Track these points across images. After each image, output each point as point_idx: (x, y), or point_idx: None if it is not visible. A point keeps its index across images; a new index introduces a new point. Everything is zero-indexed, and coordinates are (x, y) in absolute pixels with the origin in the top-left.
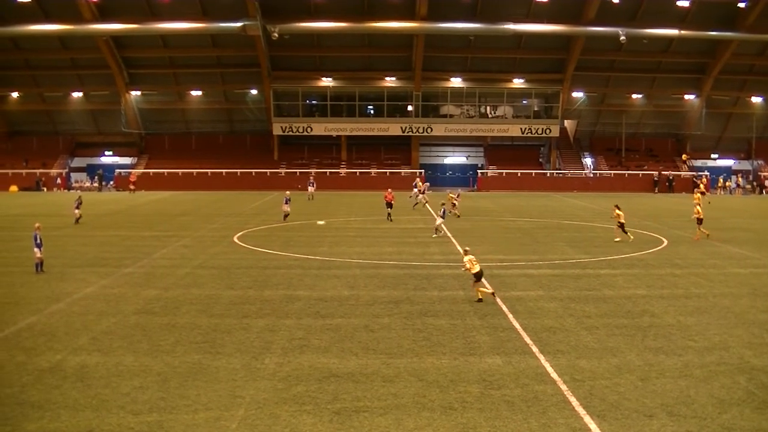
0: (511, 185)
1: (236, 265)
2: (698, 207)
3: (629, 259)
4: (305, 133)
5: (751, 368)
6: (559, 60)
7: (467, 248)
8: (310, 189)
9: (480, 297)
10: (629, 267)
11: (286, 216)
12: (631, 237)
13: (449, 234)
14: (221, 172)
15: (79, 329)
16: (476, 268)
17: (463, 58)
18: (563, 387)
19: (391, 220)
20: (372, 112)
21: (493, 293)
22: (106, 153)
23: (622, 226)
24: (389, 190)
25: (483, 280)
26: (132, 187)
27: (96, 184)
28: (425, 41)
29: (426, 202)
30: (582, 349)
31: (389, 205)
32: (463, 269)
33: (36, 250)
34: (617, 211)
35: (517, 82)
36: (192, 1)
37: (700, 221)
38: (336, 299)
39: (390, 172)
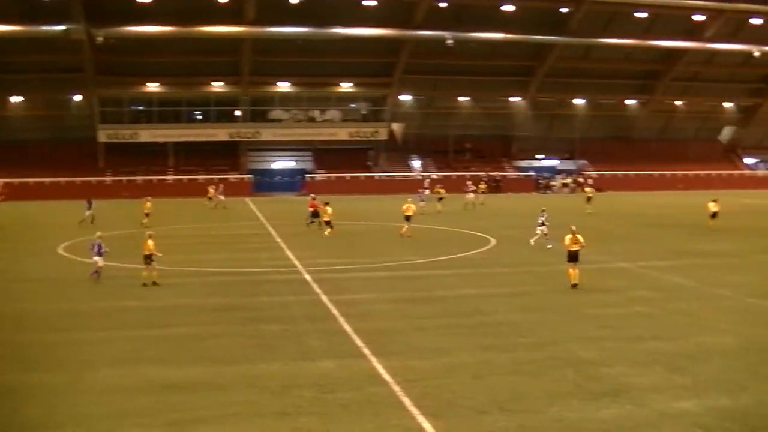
0: (340, 189)
1: (61, 277)
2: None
3: (460, 259)
4: (132, 140)
5: (578, 361)
6: (388, 63)
7: None
8: (220, 197)
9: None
10: (460, 267)
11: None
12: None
13: (279, 239)
14: (44, 182)
15: None
16: None
17: (292, 63)
18: (396, 388)
19: (316, 225)
20: (200, 117)
21: None
22: None
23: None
24: (312, 196)
25: None
26: None
27: None
28: (253, 45)
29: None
30: (414, 350)
31: (315, 214)
32: None
33: None
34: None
35: (346, 86)
36: (11, 3)
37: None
38: (167, 308)
39: (218, 178)
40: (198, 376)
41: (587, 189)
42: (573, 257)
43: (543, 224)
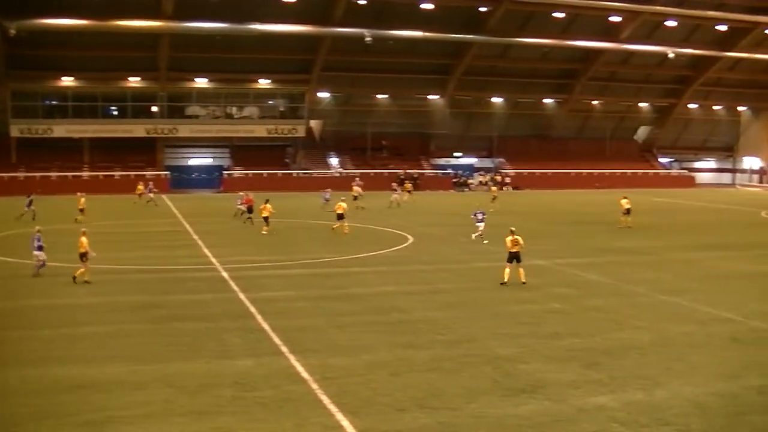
0: (258, 186)
1: None
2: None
3: (378, 256)
4: (46, 136)
5: (496, 358)
6: (306, 60)
7: None
8: (150, 194)
9: None
10: (378, 264)
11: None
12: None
13: (196, 237)
14: None
15: None
16: None
17: (210, 58)
18: (315, 386)
19: (252, 223)
20: (116, 113)
21: None
22: None
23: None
24: (247, 193)
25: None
26: None
27: None
28: (171, 41)
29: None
30: (333, 348)
31: (250, 210)
32: None
33: None
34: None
35: (264, 83)
36: None
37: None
38: (82, 307)
39: (135, 175)
40: (115, 375)
41: (493, 188)
42: (513, 257)
43: (482, 221)
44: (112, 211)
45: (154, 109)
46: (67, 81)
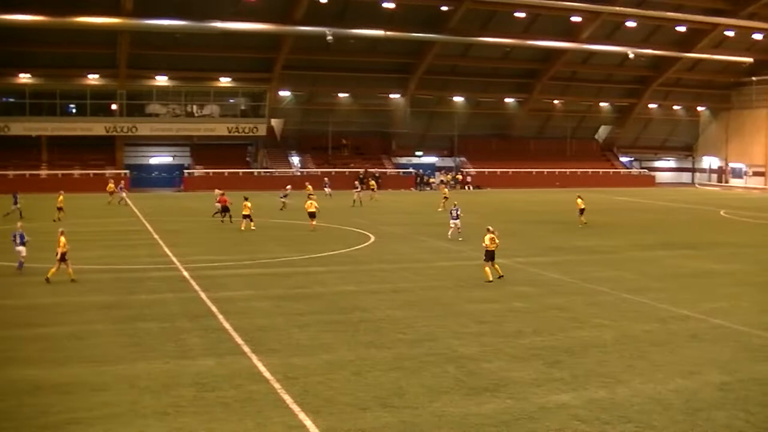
0: (218, 185)
1: None
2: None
3: (339, 255)
4: (2, 134)
5: (458, 357)
6: (267, 59)
7: None
8: (122, 194)
9: None
10: (339, 264)
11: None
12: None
13: (156, 236)
14: None
15: None
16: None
17: (170, 56)
18: (277, 385)
19: (231, 222)
20: (75, 111)
21: None
22: None
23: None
24: (223, 192)
25: None
26: None
27: None
28: (131, 38)
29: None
30: (294, 347)
31: (225, 209)
32: None
33: None
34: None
35: (225, 81)
36: None
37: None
38: (42, 307)
39: (94, 174)
40: (75, 377)
41: (444, 190)
42: (490, 256)
43: (457, 218)
44: (72, 210)
45: (114, 106)
46: (25, 78)
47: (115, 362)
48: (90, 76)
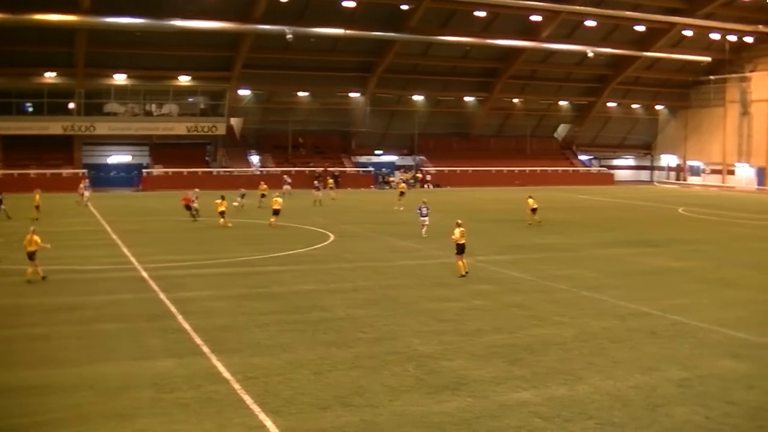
0: (177, 184)
1: None
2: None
3: (297, 255)
4: None
5: (419, 355)
6: (227, 58)
7: None
8: (86, 193)
9: None
10: (298, 263)
11: None
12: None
13: (115, 236)
14: None
15: None
16: None
17: (128, 54)
18: (237, 386)
19: (195, 220)
20: (31, 110)
21: None
22: None
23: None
24: (186, 192)
25: None
26: None
27: None
28: (88, 36)
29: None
30: (254, 347)
31: (187, 207)
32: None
33: None
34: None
35: (184, 80)
36: None
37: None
38: (0, 309)
39: (51, 173)
40: (33, 379)
41: (401, 186)
42: (461, 249)
43: (426, 215)
44: (27, 211)
45: (72, 105)
46: None
47: (73, 364)
48: (47, 75)
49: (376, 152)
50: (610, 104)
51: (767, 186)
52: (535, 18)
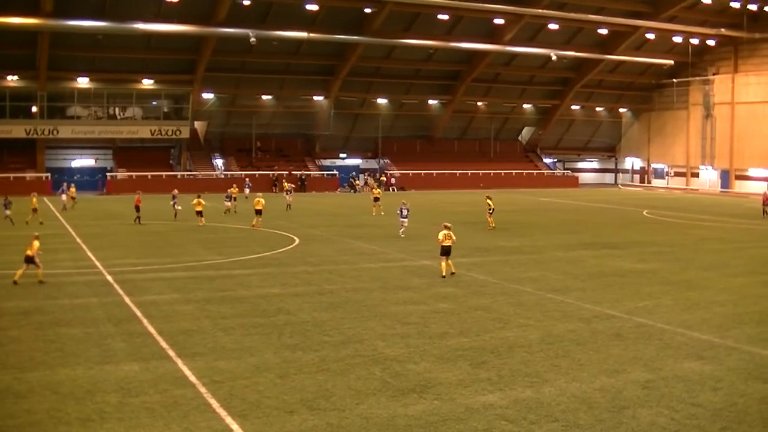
0: (141, 188)
1: None
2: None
3: (262, 258)
4: None
5: (384, 358)
6: (190, 61)
7: None
8: (64, 197)
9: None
10: (263, 266)
11: None
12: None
13: (79, 240)
14: None
15: None
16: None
17: (91, 58)
18: (203, 389)
19: (140, 223)
20: None
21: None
22: None
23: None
24: (139, 193)
25: None
26: None
27: None
28: (51, 39)
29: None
30: (220, 351)
31: (137, 208)
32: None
33: None
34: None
35: (147, 83)
36: None
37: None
38: None
39: (14, 177)
40: None
41: (376, 191)
42: (446, 251)
43: (406, 216)
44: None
45: (34, 109)
46: None
47: (37, 368)
48: (9, 78)
49: (341, 155)
50: (573, 107)
51: (731, 188)
52: (499, 21)
